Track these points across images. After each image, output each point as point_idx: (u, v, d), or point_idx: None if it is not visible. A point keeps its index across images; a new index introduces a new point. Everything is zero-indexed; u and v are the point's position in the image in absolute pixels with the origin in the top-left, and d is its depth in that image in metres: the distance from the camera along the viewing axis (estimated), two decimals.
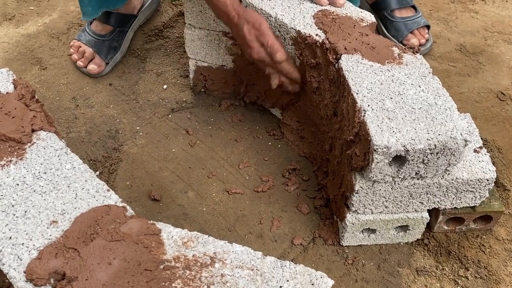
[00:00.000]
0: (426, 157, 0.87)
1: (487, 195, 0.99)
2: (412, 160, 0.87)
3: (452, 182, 0.94)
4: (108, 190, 0.81)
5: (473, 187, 0.96)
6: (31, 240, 0.74)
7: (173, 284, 0.68)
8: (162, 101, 1.36)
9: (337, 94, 1.03)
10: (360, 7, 1.17)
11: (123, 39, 1.47)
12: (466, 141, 0.85)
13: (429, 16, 1.63)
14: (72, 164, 0.85)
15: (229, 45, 1.25)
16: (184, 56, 1.46)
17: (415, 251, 1.05)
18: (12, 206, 0.78)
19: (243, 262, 0.71)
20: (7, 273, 0.71)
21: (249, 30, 1.05)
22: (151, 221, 0.76)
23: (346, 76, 0.96)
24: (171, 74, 1.44)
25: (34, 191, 0.80)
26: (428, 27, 1.50)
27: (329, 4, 1.13)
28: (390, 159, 0.87)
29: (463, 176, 0.94)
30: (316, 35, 1.05)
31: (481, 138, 1.03)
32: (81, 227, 0.75)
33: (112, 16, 1.43)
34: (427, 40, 1.49)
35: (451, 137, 0.85)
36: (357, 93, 0.93)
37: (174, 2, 1.64)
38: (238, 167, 1.20)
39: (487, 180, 0.95)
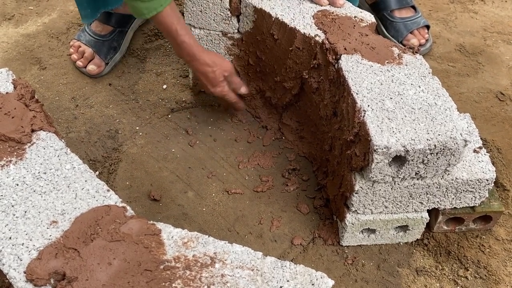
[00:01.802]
0: (426, 157, 0.87)
1: (487, 195, 0.99)
2: (412, 160, 0.87)
3: (452, 182, 0.94)
4: (108, 190, 0.81)
5: (473, 187, 0.96)
6: (31, 240, 0.74)
7: (173, 284, 0.68)
8: (162, 101, 1.36)
9: (337, 94, 1.03)
10: (359, 7, 1.17)
11: (123, 39, 1.47)
12: (465, 141, 0.86)
13: (429, 16, 1.63)
14: (72, 164, 0.85)
15: (229, 45, 1.25)
16: None
17: (414, 251, 1.05)
18: (12, 206, 0.78)
19: (244, 262, 0.71)
20: (7, 273, 0.71)
21: (220, 73, 1.15)
22: (151, 221, 0.76)
23: (346, 76, 0.96)
24: (170, 74, 1.44)
25: (34, 191, 0.80)
26: (428, 27, 1.50)
27: (329, 4, 1.14)
28: (390, 159, 0.87)
29: (462, 176, 0.94)
30: (316, 35, 1.05)
31: (481, 138, 1.03)
32: (81, 227, 0.75)
33: (112, 17, 1.43)
34: (426, 40, 1.49)
35: (451, 137, 0.85)
36: (357, 93, 0.93)
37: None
38: (237, 167, 1.20)
39: (487, 180, 0.95)
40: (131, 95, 1.38)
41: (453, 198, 0.98)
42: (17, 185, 0.81)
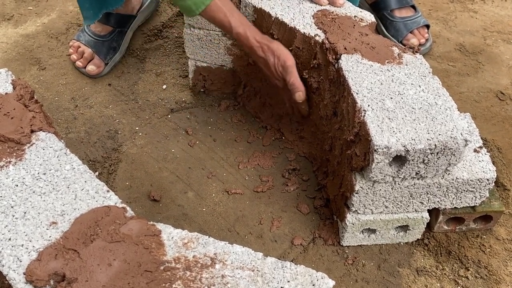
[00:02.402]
0: (426, 157, 0.87)
1: (487, 195, 0.99)
2: (413, 160, 0.87)
3: (452, 182, 0.94)
4: (107, 191, 0.81)
5: (473, 187, 0.96)
6: (30, 241, 0.74)
7: (174, 285, 0.68)
8: (162, 101, 1.36)
9: (337, 94, 1.03)
10: (359, 7, 1.17)
11: (122, 40, 1.46)
12: (466, 141, 0.85)
13: (429, 15, 1.63)
14: (72, 165, 0.85)
15: (229, 45, 1.24)
16: (184, 56, 1.46)
17: (415, 251, 1.05)
18: (12, 207, 0.78)
19: (244, 263, 0.71)
20: (7, 274, 0.71)
21: (275, 65, 1.06)
22: (151, 222, 0.76)
23: (346, 76, 0.96)
24: (170, 74, 1.43)
25: (34, 192, 0.80)
26: (427, 26, 1.50)
27: (329, 4, 1.13)
28: (390, 159, 0.87)
29: (463, 176, 0.94)
30: (316, 35, 1.05)
31: (481, 138, 1.03)
32: (80, 228, 0.75)
33: (111, 17, 1.43)
34: (426, 40, 1.49)
35: (451, 137, 0.85)
36: (357, 93, 0.93)
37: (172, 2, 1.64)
38: (237, 167, 1.20)
39: (487, 180, 0.95)
40: (130, 95, 1.38)
41: (453, 198, 0.98)
42: (17, 186, 0.81)
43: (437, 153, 0.86)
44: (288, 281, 0.69)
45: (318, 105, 1.12)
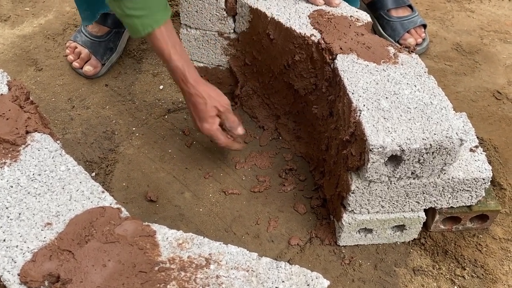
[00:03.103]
0: (422, 156, 0.87)
1: (483, 194, 0.99)
2: (408, 159, 0.87)
3: (448, 182, 0.94)
4: (102, 192, 0.81)
5: (469, 187, 0.96)
6: (25, 242, 0.74)
7: (168, 286, 0.68)
8: (158, 101, 1.36)
9: (332, 94, 1.03)
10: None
11: (119, 40, 1.46)
12: (461, 140, 0.85)
13: (425, 15, 1.63)
14: (67, 166, 0.85)
15: (225, 45, 1.24)
16: None
17: (411, 250, 1.05)
18: (6, 208, 0.78)
19: (239, 263, 0.71)
20: (1, 275, 0.71)
21: (212, 107, 1.05)
22: (146, 223, 0.76)
23: (342, 76, 0.96)
24: (167, 74, 1.43)
25: (29, 193, 0.80)
26: (424, 26, 1.50)
27: (325, 4, 1.13)
28: (386, 159, 0.87)
29: (459, 175, 0.94)
30: (312, 35, 1.05)
31: (477, 137, 1.03)
32: (75, 229, 0.75)
33: (108, 18, 1.43)
34: (423, 40, 1.49)
35: (446, 137, 0.85)
36: (352, 93, 0.93)
37: (170, 3, 1.64)
38: (234, 168, 1.20)
39: (483, 179, 0.95)
40: (127, 95, 1.37)
41: (449, 197, 0.98)
42: (12, 187, 0.81)
43: (433, 152, 0.86)
44: (283, 281, 0.69)
45: (317, 104, 1.12)
